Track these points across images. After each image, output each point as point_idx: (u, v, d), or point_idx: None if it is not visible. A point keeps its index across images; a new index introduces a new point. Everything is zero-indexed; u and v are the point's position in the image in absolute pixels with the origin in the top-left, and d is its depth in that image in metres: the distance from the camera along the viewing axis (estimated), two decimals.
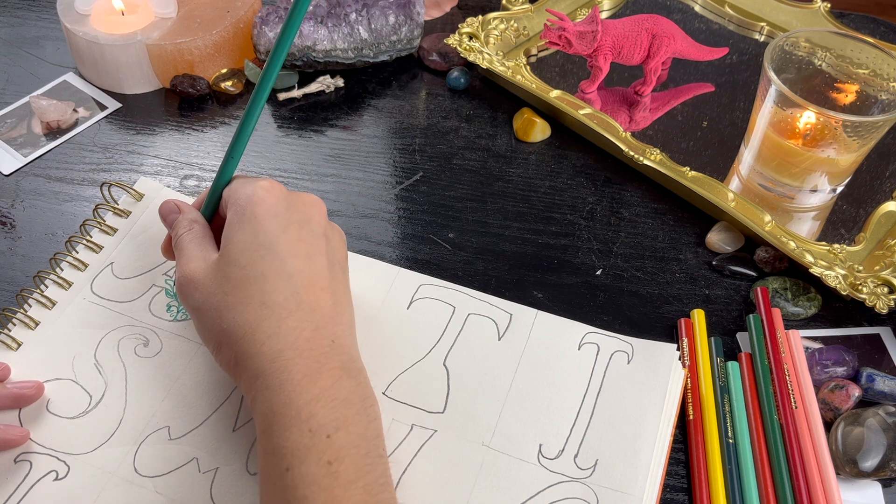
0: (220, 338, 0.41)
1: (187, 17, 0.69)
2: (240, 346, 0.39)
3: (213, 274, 0.42)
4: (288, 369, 0.38)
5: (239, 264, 0.41)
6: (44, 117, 0.66)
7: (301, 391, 0.37)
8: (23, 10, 0.78)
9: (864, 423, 0.46)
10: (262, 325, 0.39)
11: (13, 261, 0.56)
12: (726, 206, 0.57)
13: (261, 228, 0.42)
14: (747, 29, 0.76)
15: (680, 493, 0.45)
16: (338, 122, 0.68)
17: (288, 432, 0.37)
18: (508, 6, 0.74)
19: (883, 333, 0.53)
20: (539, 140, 0.66)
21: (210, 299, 0.41)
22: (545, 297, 0.55)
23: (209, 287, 0.41)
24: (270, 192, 0.43)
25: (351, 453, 0.37)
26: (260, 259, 0.41)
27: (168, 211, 0.47)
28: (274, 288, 0.40)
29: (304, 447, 0.36)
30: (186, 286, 0.42)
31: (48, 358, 0.49)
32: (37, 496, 0.43)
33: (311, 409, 0.37)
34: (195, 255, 0.43)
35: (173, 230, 0.46)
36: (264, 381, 0.38)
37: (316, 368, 0.38)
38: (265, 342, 0.39)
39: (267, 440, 0.37)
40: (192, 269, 0.42)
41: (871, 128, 0.54)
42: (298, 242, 0.42)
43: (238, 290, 0.40)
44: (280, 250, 0.41)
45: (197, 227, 0.45)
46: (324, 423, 0.37)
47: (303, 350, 0.39)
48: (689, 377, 0.49)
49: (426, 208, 0.61)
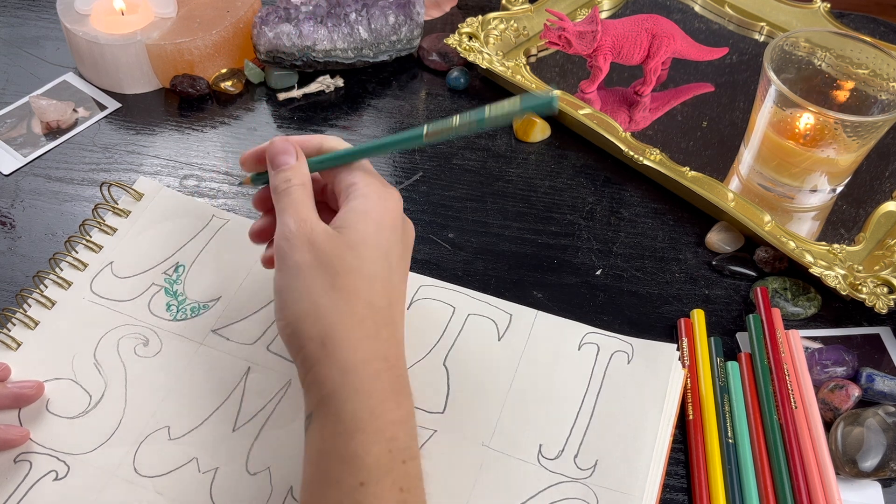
0: (312, 309, 0.38)
1: (187, 17, 0.69)
2: (334, 332, 0.38)
3: (330, 244, 0.39)
4: (379, 380, 0.37)
5: (357, 253, 0.40)
6: (44, 117, 0.66)
7: (390, 408, 0.37)
8: (23, 10, 0.78)
9: (863, 423, 0.46)
10: (365, 323, 0.38)
11: (13, 261, 0.56)
12: (726, 206, 0.57)
13: (384, 232, 0.41)
14: (747, 29, 0.76)
15: (680, 493, 0.45)
16: (338, 122, 0.68)
17: (371, 446, 0.36)
18: (508, 6, 0.74)
19: (883, 333, 0.53)
20: (539, 140, 0.66)
21: (318, 267, 0.39)
22: (545, 297, 0.55)
23: (323, 255, 0.39)
24: (397, 203, 0.43)
25: (418, 485, 0.36)
26: (374, 260, 0.40)
27: (283, 151, 0.43)
28: (380, 294, 0.40)
29: (384, 467, 0.35)
30: (300, 240, 0.39)
31: (48, 358, 0.49)
32: (37, 496, 0.43)
33: (395, 431, 0.36)
34: (312, 215, 0.41)
35: (282, 175, 0.42)
36: (352, 379, 0.37)
37: (399, 390, 0.38)
38: (363, 340, 0.38)
39: (344, 445, 0.36)
40: (310, 227, 0.40)
41: (870, 128, 0.54)
42: (402, 262, 0.43)
43: (350, 275, 0.39)
44: (392, 261, 0.41)
45: (310, 186, 0.43)
46: (402, 449, 0.36)
47: (392, 365, 0.38)
48: (689, 377, 0.49)
49: (426, 208, 0.61)
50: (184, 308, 0.51)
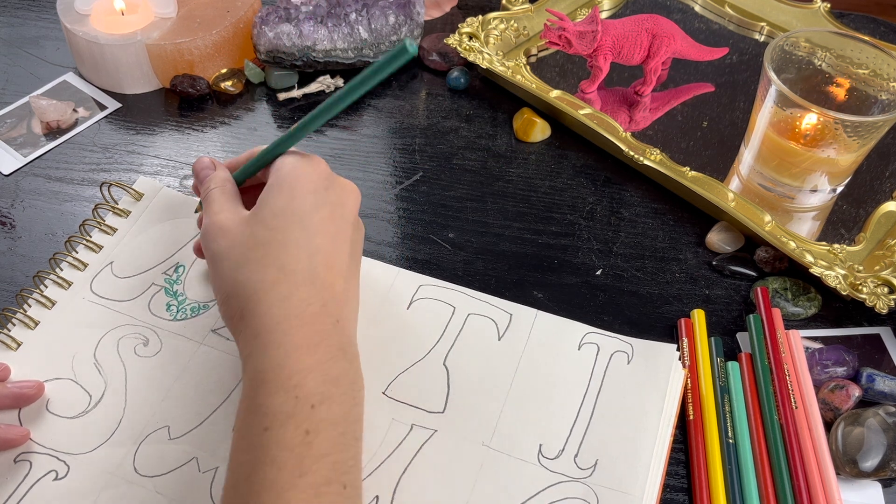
0: (231, 288, 0.41)
1: (187, 17, 0.69)
2: (249, 302, 0.40)
3: (241, 227, 0.43)
4: (289, 335, 0.39)
5: (268, 226, 0.42)
6: (44, 117, 0.66)
7: (296, 359, 0.38)
8: (23, 10, 0.78)
9: (864, 423, 0.46)
10: (276, 288, 0.40)
11: (13, 261, 0.56)
12: (726, 206, 0.57)
13: (297, 199, 0.43)
14: (747, 29, 0.76)
15: (680, 493, 0.45)
16: (338, 122, 0.68)
17: (274, 394, 0.37)
18: (508, 6, 0.74)
19: (883, 333, 0.53)
20: (539, 140, 0.66)
21: (232, 250, 0.42)
22: (545, 297, 0.55)
23: (235, 238, 0.42)
24: (315, 168, 0.44)
25: (328, 429, 0.37)
26: (288, 226, 0.42)
27: (203, 166, 0.48)
28: (295, 258, 0.41)
29: (287, 412, 0.37)
30: (214, 231, 0.43)
31: (48, 358, 0.49)
32: (37, 496, 0.43)
33: (301, 378, 0.38)
34: (226, 208, 0.44)
35: (204, 184, 0.47)
36: (263, 340, 0.39)
37: (315, 342, 0.39)
38: (274, 304, 0.40)
39: (252, 398, 0.38)
40: (222, 218, 0.44)
41: (871, 128, 0.54)
42: (329, 223, 0.43)
43: (261, 248, 0.41)
44: (310, 224, 0.42)
45: (229, 185, 0.47)
46: (310, 394, 0.38)
47: (307, 322, 0.40)
48: (689, 377, 0.49)
49: (426, 208, 0.61)
50: (184, 308, 0.51)
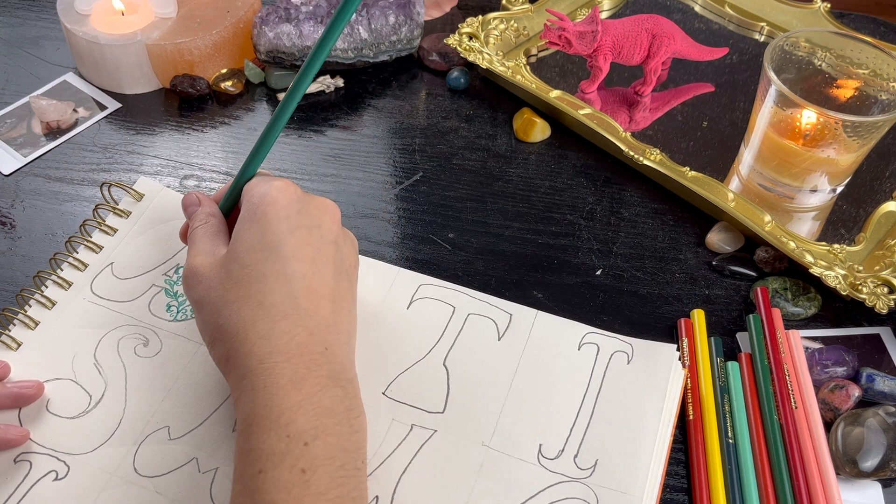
0: (215, 333, 0.41)
1: (187, 17, 0.69)
2: (232, 344, 0.39)
3: (217, 269, 0.42)
4: (274, 372, 0.38)
5: (242, 262, 0.41)
6: (44, 117, 0.66)
7: (284, 396, 0.37)
8: (23, 10, 0.78)
9: (864, 424, 0.46)
10: (257, 326, 0.39)
11: (13, 261, 0.56)
12: (726, 206, 0.57)
13: (269, 229, 0.42)
14: (747, 29, 0.76)
15: (680, 493, 0.45)
16: (338, 122, 0.68)
17: (265, 435, 0.36)
18: (508, 6, 0.74)
19: (883, 333, 0.53)
20: (539, 140, 0.66)
21: (210, 294, 0.41)
22: (545, 297, 0.55)
23: (211, 281, 0.42)
24: (284, 193, 0.43)
25: (326, 464, 0.36)
26: (263, 259, 0.41)
27: (189, 203, 0.48)
28: (272, 289, 0.40)
29: (280, 452, 0.36)
30: (191, 278, 0.43)
31: (48, 358, 0.49)
32: (37, 496, 0.43)
33: (292, 416, 0.37)
34: (204, 249, 0.43)
35: (191, 222, 0.46)
36: (250, 381, 0.38)
37: (303, 374, 0.38)
38: (256, 342, 0.39)
39: (244, 440, 0.37)
40: (198, 263, 0.43)
41: (871, 128, 0.54)
42: (305, 247, 0.42)
43: (238, 287, 0.41)
44: (284, 252, 0.41)
45: (213, 220, 0.46)
46: (302, 431, 0.36)
47: (293, 355, 0.39)
48: (689, 377, 0.49)
49: (426, 208, 0.61)
50: (184, 308, 0.51)
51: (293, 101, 0.44)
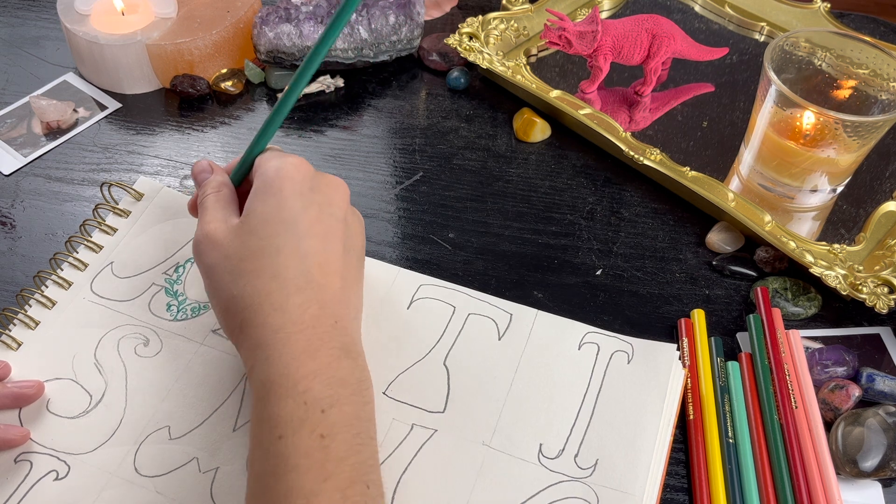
0: (228, 302, 0.41)
1: (187, 17, 0.69)
2: (246, 314, 0.40)
3: (232, 238, 0.42)
4: (289, 342, 0.39)
5: (258, 234, 0.42)
6: (44, 117, 0.66)
7: (299, 365, 0.38)
8: (23, 10, 0.78)
9: (864, 423, 0.46)
10: (271, 297, 0.40)
11: (13, 261, 0.56)
12: (726, 206, 0.57)
13: (284, 204, 0.42)
14: (747, 29, 0.76)
15: (680, 493, 0.45)
16: (338, 122, 0.68)
17: (283, 402, 0.37)
18: (508, 6, 0.74)
19: (883, 333, 0.53)
20: (539, 140, 0.66)
21: (224, 262, 0.42)
22: (545, 297, 0.55)
23: (226, 250, 0.42)
24: (298, 169, 0.44)
25: (343, 431, 0.37)
26: (278, 233, 0.42)
27: (200, 170, 0.48)
28: (287, 264, 0.41)
29: (299, 418, 0.37)
30: (204, 244, 0.43)
31: (48, 358, 0.49)
32: (37, 496, 0.43)
33: (308, 384, 0.38)
34: (217, 217, 0.44)
35: (201, 189, 0.46)
36: (265, 351, 0.39)
37: (317, 345, 0.39)
38: (271, 314, 0.40)
39: (262, 408, 0.38)
40: (212, 229, 0.43)
41: (871, 128, 0.54)
42: (317, 223, 0.43)
43: (253, 259, 0.41)
44: (299, 228, 0.42)
45: (225, 189, 0.46)
46: (319, 399, 0.37)
47: (306, 326, 0.40)
48: (690, 377, 0.49)
49: (426, 208, 0.61)
50: (184, 308, 0.51)
51: (317, 59, 0.45)
